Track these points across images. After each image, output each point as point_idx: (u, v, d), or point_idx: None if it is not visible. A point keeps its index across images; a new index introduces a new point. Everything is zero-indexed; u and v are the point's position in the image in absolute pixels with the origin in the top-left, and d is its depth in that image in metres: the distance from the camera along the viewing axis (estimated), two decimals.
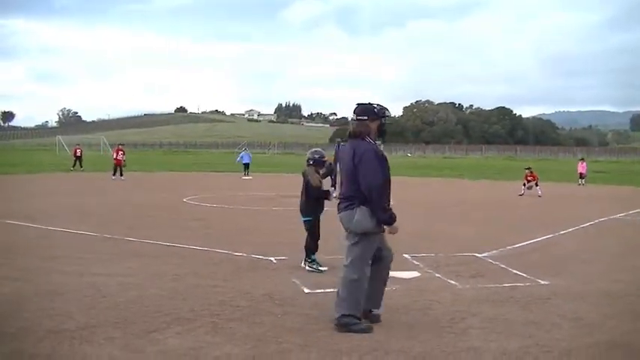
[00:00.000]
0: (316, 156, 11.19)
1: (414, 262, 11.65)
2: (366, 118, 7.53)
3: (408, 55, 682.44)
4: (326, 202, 11.01)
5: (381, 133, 7.63)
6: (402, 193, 29.41)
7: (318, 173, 10.98)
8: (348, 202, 7.45)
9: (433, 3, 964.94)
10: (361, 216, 7.31)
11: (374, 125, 7.54)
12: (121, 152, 38.29)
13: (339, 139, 13.03)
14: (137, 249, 12.80)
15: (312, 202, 10.99)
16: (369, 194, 7.24)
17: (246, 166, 42.47)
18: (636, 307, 8.60)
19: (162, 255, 12.10)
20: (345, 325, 7.26)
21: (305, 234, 11.09)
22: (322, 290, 9.30)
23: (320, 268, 10.65)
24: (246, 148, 45.62)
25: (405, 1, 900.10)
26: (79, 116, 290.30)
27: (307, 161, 11.22)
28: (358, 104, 7.70)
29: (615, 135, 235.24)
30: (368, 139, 7.47)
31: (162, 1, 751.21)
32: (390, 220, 7.37)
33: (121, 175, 37.32)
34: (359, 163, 7.30)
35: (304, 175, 11.15)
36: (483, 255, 12.56)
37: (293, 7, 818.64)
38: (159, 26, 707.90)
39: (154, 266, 10.94)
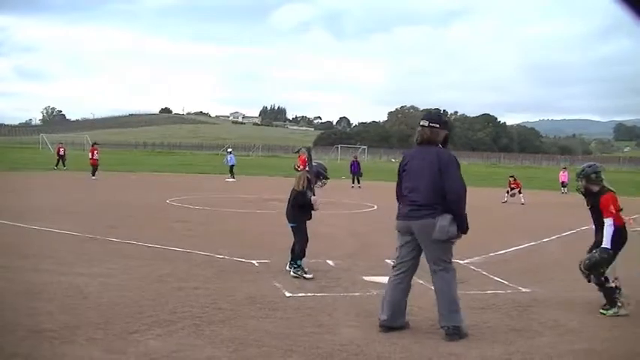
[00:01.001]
0: (314, 164, 11.17)
1: None
2: (438, 126, 7.58)
3: (394, 61, 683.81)
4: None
5: (445, 143, 7.66)
6: (386, 198, 29.44)
7: (309, 180, 10.87)
8: (429, 210, 7.35)
9: (420, 10, 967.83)
10: (446, 222, 7.26)
11: (442, 134, 7.59)
12: (96, 152, 38.19)
13: (304, 148, 13.07)
14: (119, 249, 12.76)
15: (297, 208, 10.84)
16: (457, 202, 7.30)
17: (231, 168, 42.18)
18: (616, 316, 8.65)
19: (145, 256, 12.07)
20: (461, 332, 7.31)
21: (292, 238, 11.04)
22: (304, 294, 9.30)
23: (305, 275, 10.42)
24: (231, 150, 45.30)
25: (393, 7, 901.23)
26: (63, 115, 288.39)
27: (305, 169, 11.16)
28: (430, 111, 7.72)
29: (599, 144, 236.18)
30: (440, 146, 7.54)
31: (151, 1, 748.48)
32: (468, 228, 7.44)
33: (93, 175, 37.30)
34: (445, 171, 7.32)
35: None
36: (465, 262, 12.59)
37: (281, 10, 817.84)
38: (146, 26, 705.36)
39: (136, 267, 10.91)
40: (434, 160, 7.37)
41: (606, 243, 8.61)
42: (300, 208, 10.81)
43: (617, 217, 8.91)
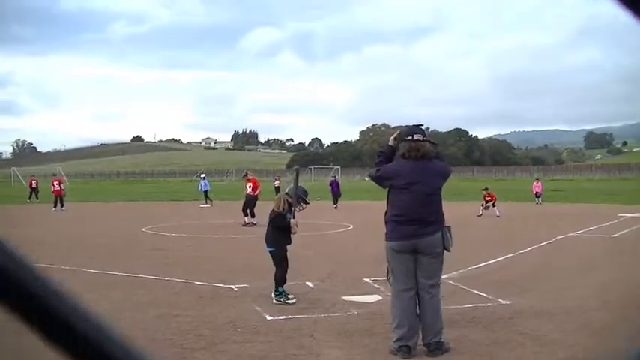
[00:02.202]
0: (297, 188, 11.02)
1: (375, 285, 11.64)
2: (424, 139, 7.62)
3: (364, 80, 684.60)
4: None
5: None
6: (362, 216, 29.45)
7: (289, 203, 10.78)
8: (435, 225, 7.46)
9: (389, 28, 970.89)
10: (449, 234, 7.58)
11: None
12: (57, 182, 38.15)
13: (296, 167, 13.07)
14: (97, 280, 12.65)
15: (276, 231, 10.66)
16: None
17: (205, 193, 41.94)
18: (595, 323, 8.71)
19: (122, 285, 11.98)
20: (443, 347, 7.29)
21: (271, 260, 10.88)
22: (284, 317, 9.27)
23: (288, 301, 10.17)
24: (204, 176, 44.96)
25: (361, 27, 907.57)
26: (34, 147, 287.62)
27: (286, 192, 11.08)
28: (417, 126, 7.68)
29: (570, 153, 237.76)
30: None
31: (118, 30, 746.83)
32: None
33: (62, 206, 37.19)
34: (446, 181, 7.64)
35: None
36: (444, 277, 12.54)
37: (250, 35, 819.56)
38: (115, 54, 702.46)
39: (113, 297, 10.82)
40: (438, 175, 7.59)
41: None
42: (279, 231, 10.63)
43: None
